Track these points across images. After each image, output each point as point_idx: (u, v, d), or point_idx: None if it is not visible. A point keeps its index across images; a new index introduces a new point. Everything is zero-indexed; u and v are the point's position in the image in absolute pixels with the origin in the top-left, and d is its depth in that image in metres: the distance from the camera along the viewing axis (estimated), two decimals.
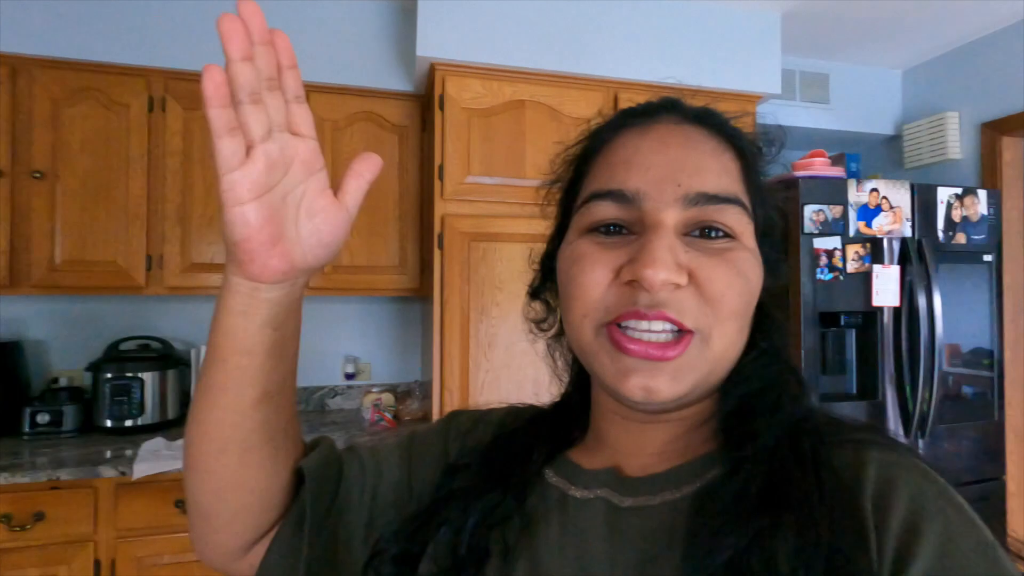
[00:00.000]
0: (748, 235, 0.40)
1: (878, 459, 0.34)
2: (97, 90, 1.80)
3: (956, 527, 0.31)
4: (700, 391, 0.40)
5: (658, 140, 0.40)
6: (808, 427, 0.38)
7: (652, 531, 0.37)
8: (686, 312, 0.37)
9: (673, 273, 0.36)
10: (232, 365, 0.39)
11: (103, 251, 1.80)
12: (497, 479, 0.44)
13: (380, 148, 2.02)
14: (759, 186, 0.42)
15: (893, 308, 1.96)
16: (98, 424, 1.82)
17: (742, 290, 0.38)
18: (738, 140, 0.41)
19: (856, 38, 2.33)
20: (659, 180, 0.38)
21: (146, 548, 1.54)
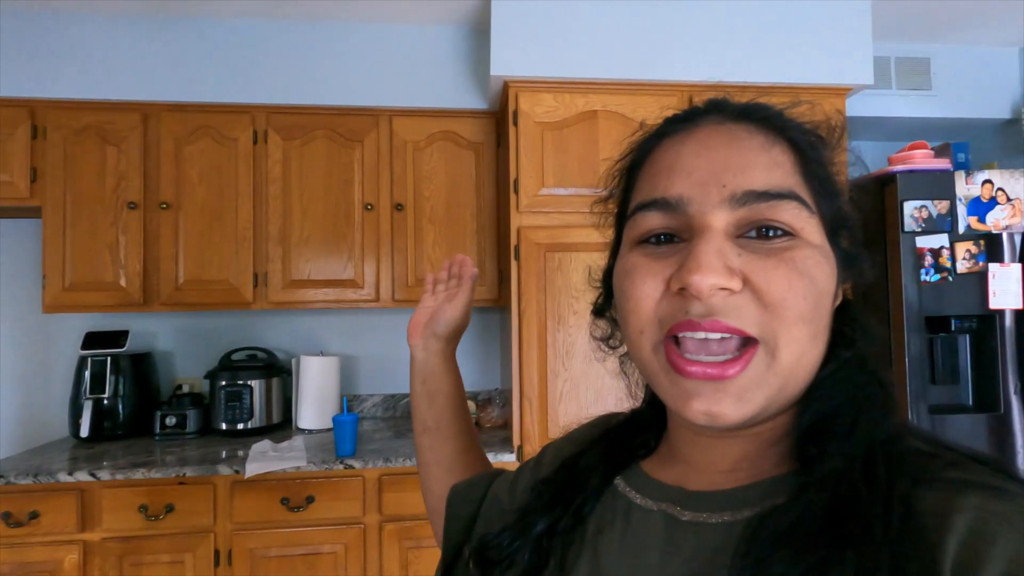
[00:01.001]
0: (811, 230, 0.36)
1: (976, 507, 0.28)
2: (210, 127, 2.02)
3: None
4: (773, 409, 0.37)
5: (700, 143, 0.38)
6: (890, 453, 0.33)
7: (706, 549, 0.36)
8: (744, 318, 0.34)
9: (722, 277, 0.33)
10: (411, 401, 0.70)
11: (217, 271, 2.01)
12: (567, 491, 0.45)
13: (458, 165, 2.11)
14: (823, 177, 0.38)
15: (1015, 311, 1.77)
16: (215, 427, 2.03)
17: (807, 291, 0.34)
18: (790, 131, 0.38)
19: (962, 16, 2.13)
20: (703, 183, 0.36)
21: (257, 541, 1.69)
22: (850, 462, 0.33)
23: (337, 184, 2.07)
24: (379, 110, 2.09)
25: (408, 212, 2.09)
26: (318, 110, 2.07)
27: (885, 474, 0.32)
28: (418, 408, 0.68)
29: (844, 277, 0.40)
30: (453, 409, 0.68)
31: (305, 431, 2.07)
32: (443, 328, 0.69)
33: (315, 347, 2.30)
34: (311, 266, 2.06)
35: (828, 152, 0.40)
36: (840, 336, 0.39)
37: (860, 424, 0.35)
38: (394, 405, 2.35)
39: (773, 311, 0.34)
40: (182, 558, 1.67)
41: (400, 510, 1.74)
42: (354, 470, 1.73)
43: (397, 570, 1.73)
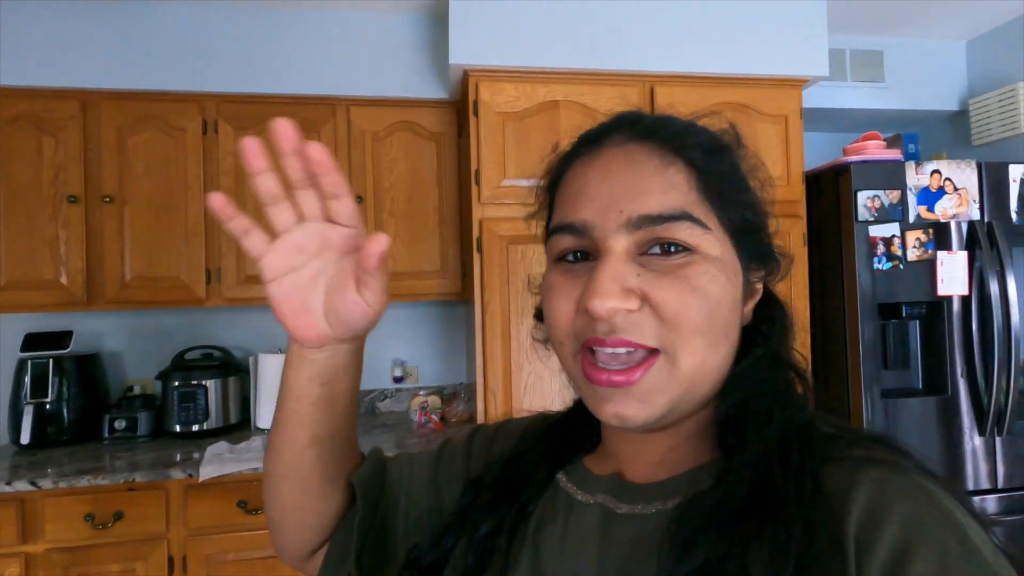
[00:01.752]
0: (708, 244, 0.38)
1: (875, 479, 0.32)
2: (156, 117, 1.92)
3: (954, 559, 0.28)
4: (682, 409, 0.39)
5: (602, 168, 0.40)
6: (802, 437, 0.36)
7: (639, 540, 0.38)
8: (645, 333, 0.37)
9: (618, 300, 0.36)
10: (287, 408, 0.47)
11: (167, 267, 1.93)
12: (510, 490, 0.46)
13: (418, 156, 2.07)
14: (723, 189, 0.40)
15: (962, 297, 1.83)
16: (168, 429, 1.95)
17: (700, 306, 0.37)
18: (686, 151, 0.40)
19: (912, 10, 2.19)
20: (603, 209, 0.39)
21: (213, 546, 1.64)
22: (766, 448, 0.36)
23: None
24: (336, 99, 2.02)
25: (368, 204, 2.04)
26: (272, 99, 1.99)
27: (798, 456, 0.35)
28: (307, 415, 0.46)
29: (756, 276, 0.43)
30: (351, 414, 0.50)
31: (265, 431, 2.01)
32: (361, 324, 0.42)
33: (274, 345, 2.23)
34: None
35: (730, 160, 0.42)
36: (757, 332, 0.43)
37: (775, 414, 0.38)
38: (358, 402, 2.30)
39: (670, 325, 0.37)
40: (133, 567, 1.60)
41: None
42: None
43: None
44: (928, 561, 0.28)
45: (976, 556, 0.29)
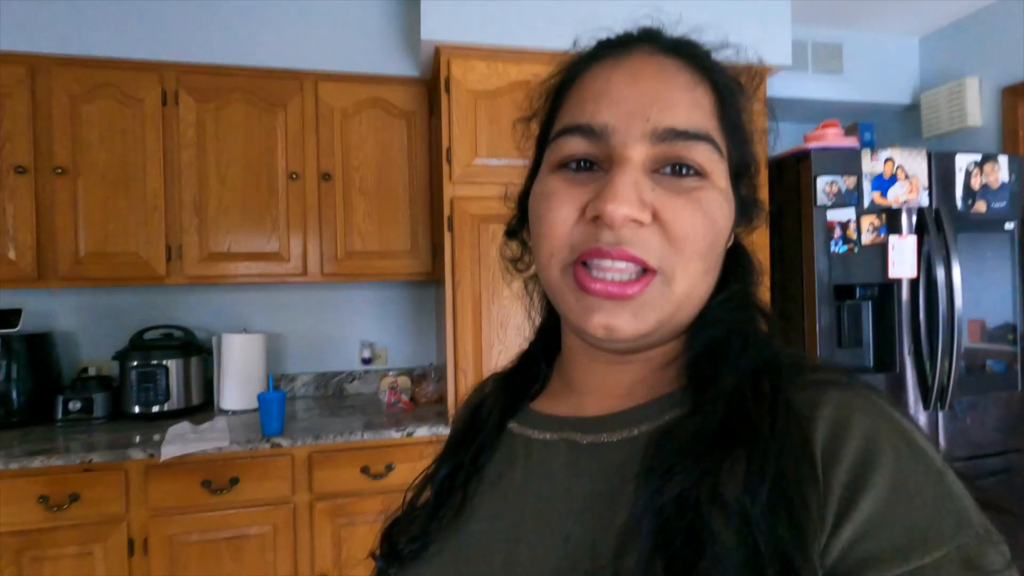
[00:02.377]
0: (719, 174, 0.39)
1: (835, 399, 0.34)
2: (112, 86, 1.84)
3: (907, 460, 0.32)
4: (664, 331, 0.39)
5: (630, 72, 0.38)
6: (770, 368, 0.37)
7: (609, 467, 0.38)
8: (649, 250, 0.36)
9: (635, 209, 0.35)
10: None
11: (124, 243, 1.85)
12: (462, 444, 0.47)
13: (389, 134, 2.04)
14: (735, 124, 0.40)
15: (911, 280, 1.93)
16: (126, 411, 1.89)
17: (707, 231, 0.37)
18: (714, 74, 0.39)
19: (871, 5, 2.27)
20: (629, 114, 0.37)
21: (176, 526, 1.60)
22: (739, 380, 0.37)
23: (258, 151, 1.95)
24: (304, 73, 1.98)
25: (336, 182, 2.00)
26: (236, 71, 1.93)
27: (769, 386, 0.36)
28: None
29: (741, 222, 0.43)
30: None
31: (228, 412, 1.97)
32: None
33: (238, 324, 2.18)
34: (231, 238, 1.94)
35: (744, 99, 0.42)
36: (730, 273, 0.43)
37: (748, 348, 0.39)
38: (325, 383, 2.27)
39: (676, 245, 0.37)
40: (91, 549, 1.55)
41: (331, 487, 1.70)
42: (282, 448, 1.66)
43: (329, 549, 1.69)
44: (885, 465, 0.31)
45: (924, 457, 0.32)
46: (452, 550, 0.42)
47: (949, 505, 0.31)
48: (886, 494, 0.30)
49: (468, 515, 0.43)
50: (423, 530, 0.43)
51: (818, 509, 0.31)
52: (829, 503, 0.31)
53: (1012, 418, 2.05)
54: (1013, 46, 2.16)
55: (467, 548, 0.41)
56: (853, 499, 0.31)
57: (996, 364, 2.04)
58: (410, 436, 1.75)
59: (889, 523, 0.30)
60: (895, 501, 0.30)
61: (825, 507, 0.31)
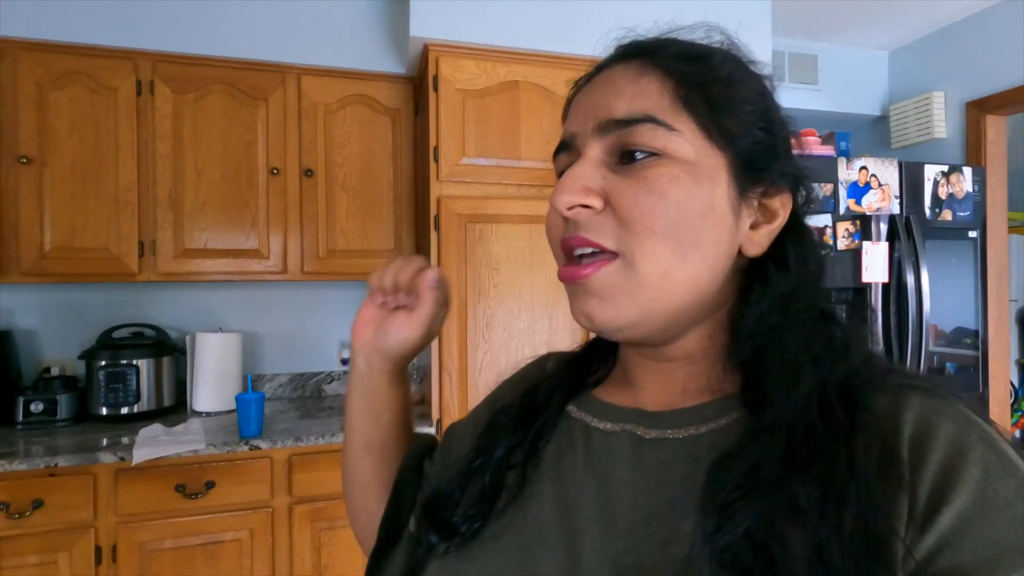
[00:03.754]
0: (676, 147, 0.38)
1: (919, 404, 0.33)
2: (83, 73, 1.76)
3: (996, 471, 0.31)
4: (662, 322, 0.39)
5: (592, 87, 0.42)
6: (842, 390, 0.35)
7: (674, 463, 0.38)
8: (603, 234, 0.38)
9: (576, 195, 0.38)
10: (345, 419, 0.58)
11: (94, 238, 1.78)
12: (522, 422, 0.46)
13: (373, 131, 2.01)
14: (707, 95, 0.39)
15: (883, 284, 2.00)
16: (93, 412, 1.81)
17: (656, 207, 0.37)
18: (662, 60, 0.40)
19: (844, 20, 2.35)
20: (583, 119, 0.41)
21: (147, 533, 1.54)
22: (804, 404, 0.34)
23: (238, 145, 1.90)
24: (286, 67, 1.93)
25: (319, 178, 1.96)
26: (215, 62, 1.87)
27: (843, 411, 0.34)
28: (359, 424, 0.56)
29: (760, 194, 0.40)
30: (401, 426, 0.58)
31: (202, 414, 1.90)
32: (394, 349, 0.54)
33: (213, 323, 2.12)
34: (208, 234, 1.88)
35: (721, 68, 0.40)
36: (774, 260, 0.40)
37: (803, 369, 0.36)
38: (303, 384, 2.22)
39: (626, 226, 0.37)
40: (55, 558, 1.47)
41: (312, 490, 1.65)
42: (261, 451, 1.61)
43: (309, 553, 1.65)
44: (972, 474, 0.30)
45: (1014, 470, 0.31)
46: (514, 533, 0.41)
47: None
48: (972, 504, 0.30)
49: (527, 498, 0.42)
50: (480, 510, 0.42)
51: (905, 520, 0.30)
52: (914, 512, 0.30)
53: None
54: (976, 62, 2.27)
55: (528, 533, 0.41)
56: (937, 507, 0.30)
57: (952, 367, 2.12)
58: None
59: (973, 535, 0.29)
60: (982, 513, 0.30)
61: (911, 515, 0.30)
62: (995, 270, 2.21)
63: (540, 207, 1.81)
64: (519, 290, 1.80)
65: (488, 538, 0.42)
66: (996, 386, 2.22)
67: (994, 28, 2.20)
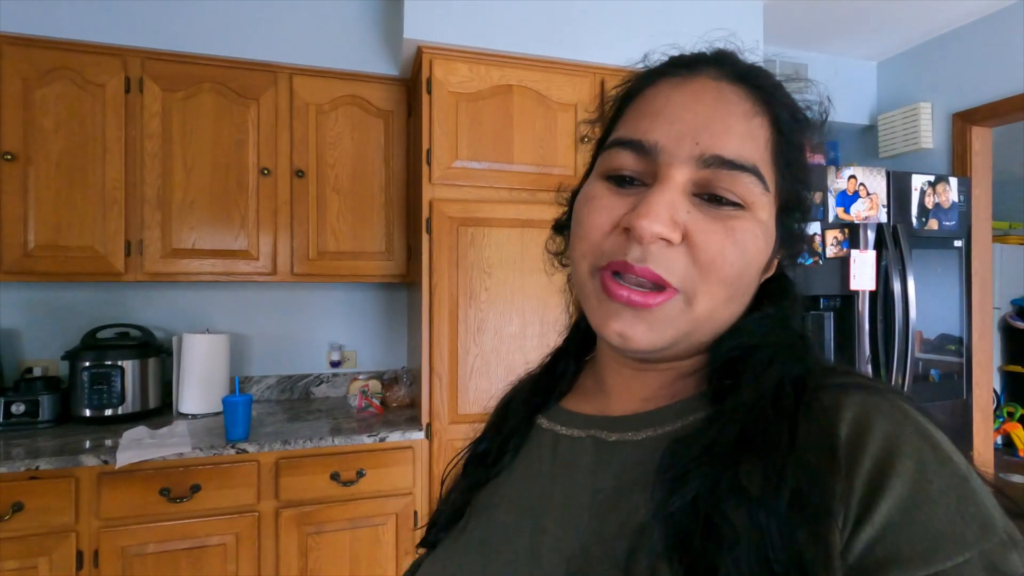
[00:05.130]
0: (762, 207, 0.38)
1: (858, 400, 0.34)
2: (70, 69, 1.74)
3: (930, 463, 0.32)
4: (681, 347, 0.40)
5: (691, 94, 0.39)
6: (795, 383, 0.37)
7: (632, 463, 0.39)
8: (673, 271, 0.37)
9: (666, 227, 0.36)
10: None
11: (79, 236, 1.75)
12: (500, 426, 0.50)
13: (365, 132, 2.00)
14: (791, 159, 0.40)
15: (869, 292, 2.02)
16: (76, 414, 1.78)
17: (735, 260, 0.37)
18: (775, 107, 0.39)
19: (834, 30, 2.38)
20: (680, 136, 0.38)
21: (130, 537, 1.51)
22: (761, 393, 0.36)
23: (228, 145, 1.88)
24: (278, 66, 1.92)
25: (310, 179, 1.95)
26: (206, 60, 1.85)
27: (792, 394, 0.36)
28: None
29: (781, 255, 0.43)
30: None
31: (188, 416, 1.88)
32: None
33: (200, 324, 2.09)
34: (196, 234, 1.85)
35: (805, 135, 0.42)
36: (767, 296, 0.43)
37: (775, 363, 0.38)
38: (291, 387, 2.20)
39: (701, 269, 0.37)
40: (35, 563, 1.45)
41: (299, 494, 1.64)
42: (247, 454, 1.60)
43: (295, 558, 1.63)
44: (907, 467, 0.31)
45: (948, 462, 0.32)
46: (480, 538, 0.44)
47: (973, 510, 0.31)
48: (908, 496, 0.31)
49: (496, 505, 0.45)
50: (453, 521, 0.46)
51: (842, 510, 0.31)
52: (851, 503, 0.31)
53: (956, 425, 2.17)
54: (963, 74, 2.30)
55: (494, 536, 0.43)
56: (874, 500, 0.31)
57: (937, 373, 2.15)
58: (383, 441, 1.71)
59: (910, 526, 0.30)
60: (916, 505, 0.30)
61: (847, 507, 0.31)
62: (979, 279, 2.24)
63: (532, 211, 1.81)
64: (510, 294, 1.80)
65: (456, 542, 0.45)
66: (980, 393, 2.25)
67: (981, 40, 2.24)
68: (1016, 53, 2.12)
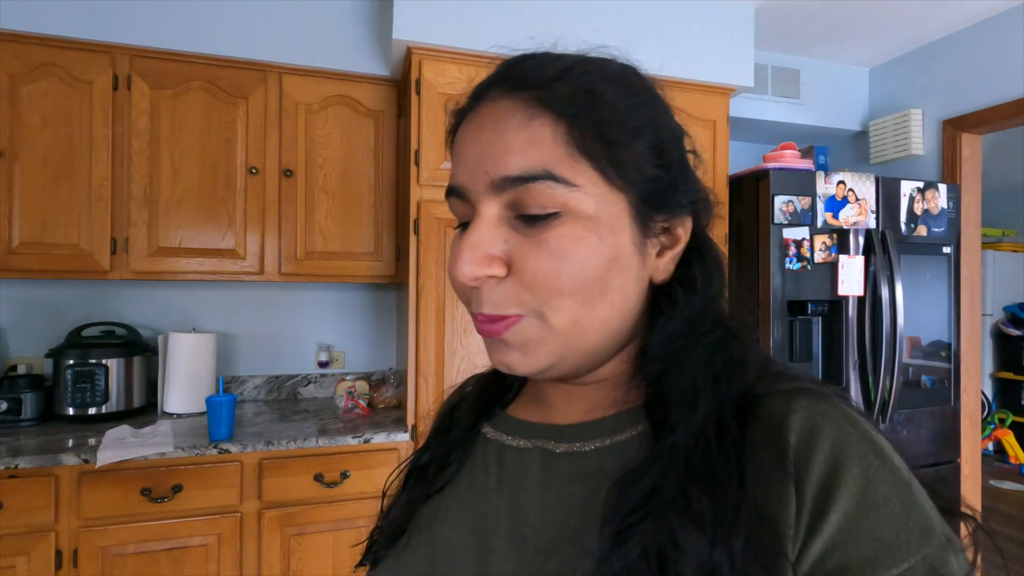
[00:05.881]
0: (577, 202, 0.36)
1: (805, 406, 0.34)
2: (58, 66, 1.73)
3: (875, 470, 0.32)
4: (577, 361, 0.39)
5: (475, 126, 0.38)
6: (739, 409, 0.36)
7: (582, 475, 0.39)
8: (504, 304, 0.37)
9: (479, 267, 0.36)
10: None
11: (65, 233, 1.74)
12: (437, 443, 0.49)
13: (355, 132, 2.00)
14: (603, 137, 0.36)
15: (857, 297, 2.02)
16: (59, 412, 1.77)
17: (558, 271, 0.36)
18: (553, 101, 0.36)
19: (826, 35, 2.38)
20: (472, 171, 0.37)
21: (110, 538, 1.50)
22: (699, 428, 0.35)
23: (216, 143, 1.87)
24: (268, 65, 1.91)
25: (299, 179, 1.94)
26: (195, 58, 1.85)
27: (737, 428, 0.34)
28: None
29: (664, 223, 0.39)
30: None
31: (173, 415, 1.87)
32: None
33: (186, 323, 2.08)
34: (183, 233, 1.85)
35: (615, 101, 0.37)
36: (681, 283, 0.41)
37: (702, 391, 0.36)
38: (278, 387, 2.19)
39: (531, 290, 0.36)
40: (13, 562, 1.43)
41: (282, 495, 1.63)
42: (230, 454, 1.59)
43: (278, 560, 1.62)
44: (853, 476, 0.32)
45: (891, 467, 0.33)
46: (423, 556, 0.42)
47: (915, 515, 0.31)
48: (854, 505, 0.31)
49: (440, 520, 0.43)
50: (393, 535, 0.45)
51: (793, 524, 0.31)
52: (801, 515, 0.32)
53: (945, 431, 2.17)
54: (953, 82, 2.31)
55: (439, 554, 0.42)
56: (823, 511, 0.31)
57: (928, 379, 2.16)
58: (367, 443, 1.70)
59: (857, 535, 0.31)
60: (863, 512, 0.31)
61: (799, 517, 0.31)
62: (968, 285, 2.25)
63: None
64: None
65: (399, 564, 0.44)
66: (967, 399, 2.26)
67: (972, 48, 2.25)
68: (1006, 61, 2.13)
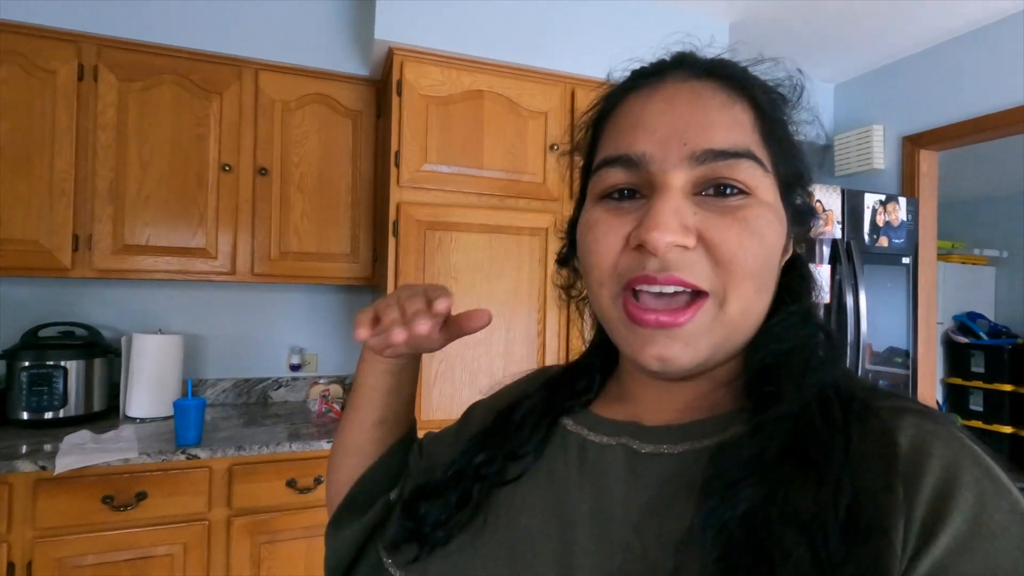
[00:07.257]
0: (765, 189, 0.38)
1: (914, 425, 0.33)
2: (18, 53, 1.65)
3: (990, 496, 0.31)
4: (720, 355, 0.39)
5: (664, 100, 0.39)
6: (841, 393, 0.36)
7: (670, 477, 0.38)
8: (697, 273, 0.36)
9: (678, 235, 0.35)
10: (362, 394, 0.54)
11: (23, 229, 1.66)
12: (505, 433, 0.47)
13: (333, 132, 1.97)
14: (781, 136, 0.40)
15: (825, 305, 2.09)
16: (13, 417, 1.67)
17: (756, 250, 0.36)
18: (751, 90, 0.39)
19: (793, 51, 2.47)
20: (665, 141, 0.37)
21: (68, 548, 1.43)
22: (806, 402, 0.35)
23: (188, 139, 1.82)
24: (243, 61, 1.87)
25: (273, 178, 1.90)
26: (167, 51, 1.79)
27: (840, 409, 0.35)
28: (382, 400, 0.54)
29: (794, 233, 0.42)
30: (412, 400, 0.57)
31: (136, 420, 1.80)
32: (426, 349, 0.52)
33: (152, 325, 2.01)
34: (151, 230, 1.78)
35: (788, 111, 0.42)
36: (787, 289, 0.42)
37: (811, 368, 0.38)
38: (248, 390, 2.13)
39: (724, 267, 0.36)
40: None
41: (253, 502, 1.58)
42: (199, 460, 1.53)
43: (247, 568, 1.57)
44: (966, 499, 0.30)
45: (1008, 495, 0.31)
46: (505, 542, 0.41)
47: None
48: (967, 529, 0.30)
49: (519, 507, 0.42)
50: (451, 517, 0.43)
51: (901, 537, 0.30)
52: (911, 529, 0.30)
53: None
54: (913, 99, 2.42)
55: (519, 540, 0.41)
56: (933, 531, 0.30)
57: (886, 385, 2.25)
58: None
59: (970, 561, 0.29)
60: (977, 538, 0.29)
61: (908, 533, 0.30)
62: (924, 294, 2.35)
63: (501, 217, 1.81)
64: (477, 299, 1.79)
65: (477, 546, 0.42)
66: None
67: (931, 69, 2.36)
68: (962, 82, 2.24)
